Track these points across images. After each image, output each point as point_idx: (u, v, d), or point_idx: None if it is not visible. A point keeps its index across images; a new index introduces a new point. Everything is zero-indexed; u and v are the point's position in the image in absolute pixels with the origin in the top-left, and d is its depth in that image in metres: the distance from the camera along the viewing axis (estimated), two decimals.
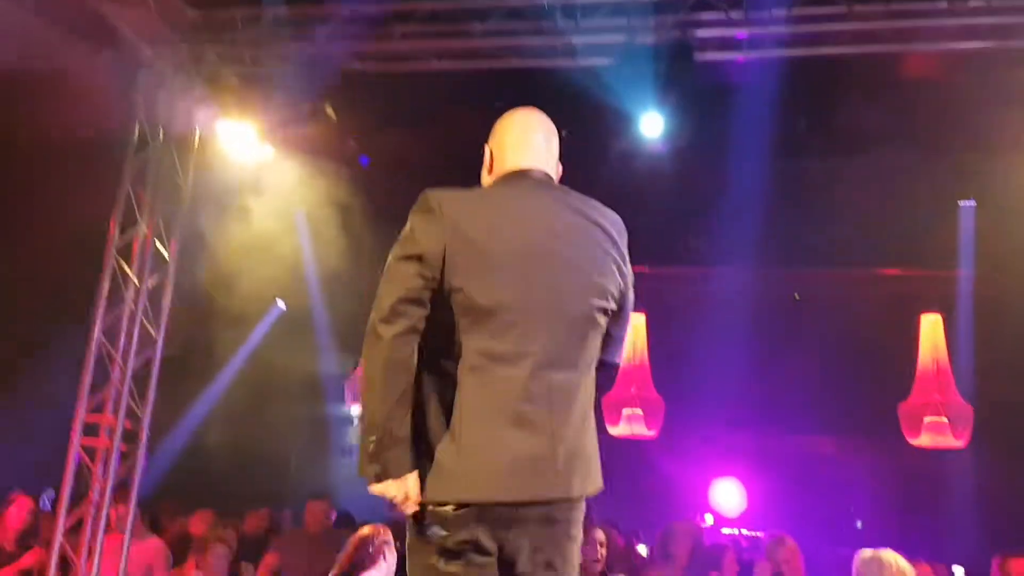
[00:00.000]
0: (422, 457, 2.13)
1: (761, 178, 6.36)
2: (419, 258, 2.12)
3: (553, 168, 2.42)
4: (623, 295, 2.33)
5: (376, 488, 2.14)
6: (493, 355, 2.12)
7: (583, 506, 2.25)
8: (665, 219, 7.42)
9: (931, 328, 7.35)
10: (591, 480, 2.22)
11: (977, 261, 7.44)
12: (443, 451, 2.11)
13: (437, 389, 2.16)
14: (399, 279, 2.11)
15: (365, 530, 4.15)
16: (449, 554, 2.14)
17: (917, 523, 6.77)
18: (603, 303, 2.25)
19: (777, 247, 7.87)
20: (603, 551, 4.54)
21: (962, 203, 7.35)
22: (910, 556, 4.89)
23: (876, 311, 8.06)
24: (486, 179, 2.42)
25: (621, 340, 2.39)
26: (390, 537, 4.08)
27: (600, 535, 4.57)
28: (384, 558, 4.03)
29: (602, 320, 2.26)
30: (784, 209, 7.08)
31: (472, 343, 2.12)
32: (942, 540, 5.60)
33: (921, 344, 7.34)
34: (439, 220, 2.14)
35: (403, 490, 2.12)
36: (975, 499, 7.89)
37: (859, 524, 5.37)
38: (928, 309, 7.40)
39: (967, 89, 5.44)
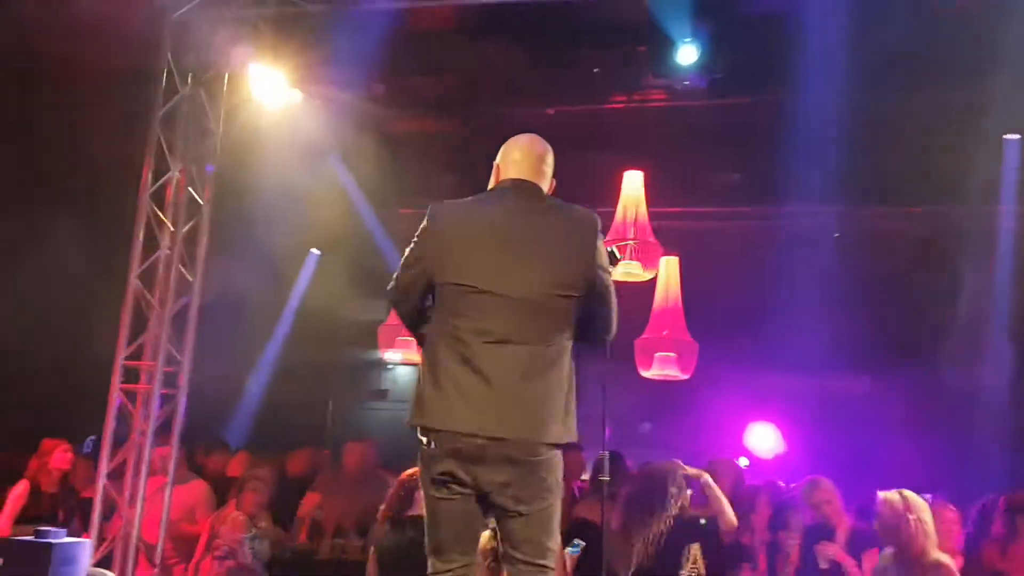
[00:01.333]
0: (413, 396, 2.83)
1: (799, 113, 6.21)
2: (409, 262, 2.91)
3: (543, 182, 2.97)
4: (590, 283, 2.82)
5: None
6: (461, 328, 2.76)
7: (547, 454, 2.75)
8: (700, 156, 7.31)
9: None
10: (542, 432, 2.74)
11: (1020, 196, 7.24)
12: (423, 391, 2.79)
13: (427, 352, 2.86)
14: (403, 280, 2.91)
15: (409, 472, 4.57)
16: (435, 484, 2.79)
17: (951, 462, 6.70)
18: (562, 291, 2.79)
19: (814, 184, 7.72)
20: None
21: (1007, 137, 7.14)
22: (939, 498, 4.87)
23: (916, 248, 7.91)
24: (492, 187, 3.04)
25: (603, 318, 2.90)
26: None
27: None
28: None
29: (562, 304, 2.80)
30: (822, 145, 6.92)
31: (449, 319, 2.80)
32: (977, 479, 5.54)
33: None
34: (433, 225, 2.89)
35: None
36: (1013, 437, 7.81)
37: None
38: (969, 246, 7.24)
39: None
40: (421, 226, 2.91)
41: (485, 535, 3.26)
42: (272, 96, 5.77)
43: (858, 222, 8.31)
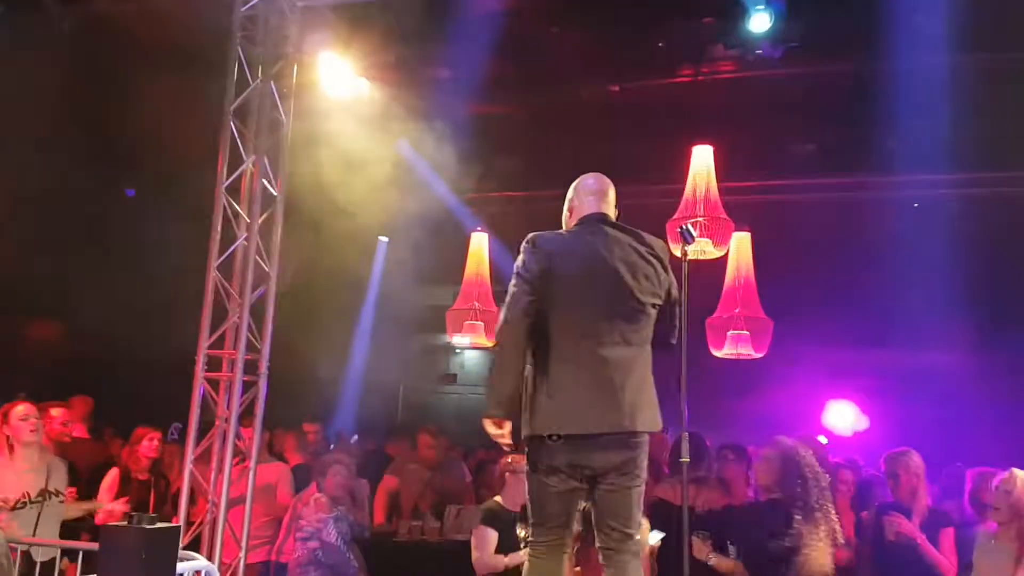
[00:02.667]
0: (529, 406, 3.32)
1: (879, 79, 5.98)
2: (528, 280, 3.33)
3: (612, 212, 3.56)
4: (667, 292, 3.45)
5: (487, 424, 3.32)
6: (570, 337, 3.31)
7: (644, 440, 3.31)
8: (772, 128, 7.13)
9: None
10: (649, 422, 3.31)
11: None
12: (538, 401, 3.29)
13: (537, 363, 3.34)
14: (517, 295, 3.32)
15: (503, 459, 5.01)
16: (550, 472, 3.31)
17: None
18: (646, 299, 3.37)
19: (894, 152, 7.46)
20: None
21: None
22: None
23: (1005, 217, 7.58)
24: (569, 223, 3.62)
25: (672, 326, 3.49)
26: (518, 463, 4.65)
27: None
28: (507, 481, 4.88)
29: (648, 310, 3.38)
30: (903, 112, 6.68)
31: (557, 332, 3.32)
32: None
33: None
34: (539, 252, 3.37)
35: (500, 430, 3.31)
36: None
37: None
38: None
39: None
40: (526, 251, 3.39)
41: None
42: (340, 85, 5.81)
43: (942, 190, 7.99)
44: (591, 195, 3.56)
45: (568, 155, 8.65)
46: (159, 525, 3.44)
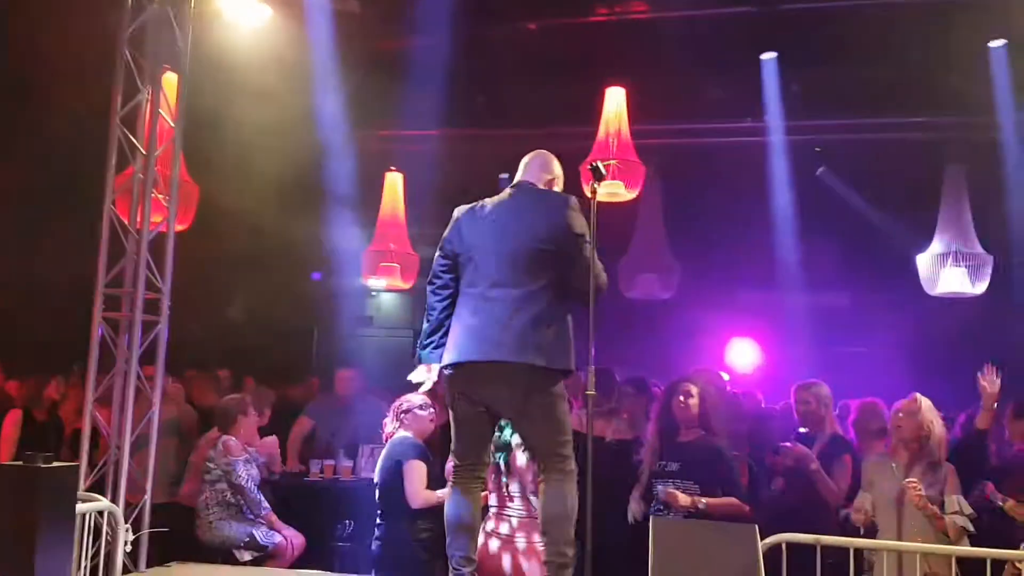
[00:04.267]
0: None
1: (775, 25, 6.08)
2: (441, 247, 3.82)
3: (542, 181, 3.85)
4: (560, 244, 3.62)
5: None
6: (469, 287, 3.70)
7: (538, 375, 3.52)
8: (684, 71, 7.19)
9: (954, 177, 7.20)
10: (536, 357, 3.52)
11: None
12: (447, 339, 3.71)
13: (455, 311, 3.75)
14: (434, 260, 3.83)
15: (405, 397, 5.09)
16: (453, 401, 3.71)
17: (934, 374, 6.81)
18: (538, 244, 3.62)
19: (796, 96, 7.63)
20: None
21: (992, 44, 7.03)
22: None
23: (900, 162, 7.87)
24: None
25: (582, 271, 3.57)
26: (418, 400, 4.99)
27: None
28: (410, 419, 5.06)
29: (539, 255, 3.61)
30: (802, 57, 6.82)
31: (464, 282, 3.73)
32: (958, 390, 5.64)
33: (943, 194, 7.21)
34: (453, 221, 3.84)
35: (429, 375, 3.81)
36: (992, 348, 7.92)
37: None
38: (953, 159, 7.22)
39: None
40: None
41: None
42: (243, 12, 5.58)
43: (843, 135, 8.24)
44: (522, 166, 3.93)
45: (483, 94, 8.59)
46: (56, 464, 3.36)
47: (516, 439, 4.10)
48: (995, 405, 4.79)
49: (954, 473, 4.36)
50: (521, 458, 4.16)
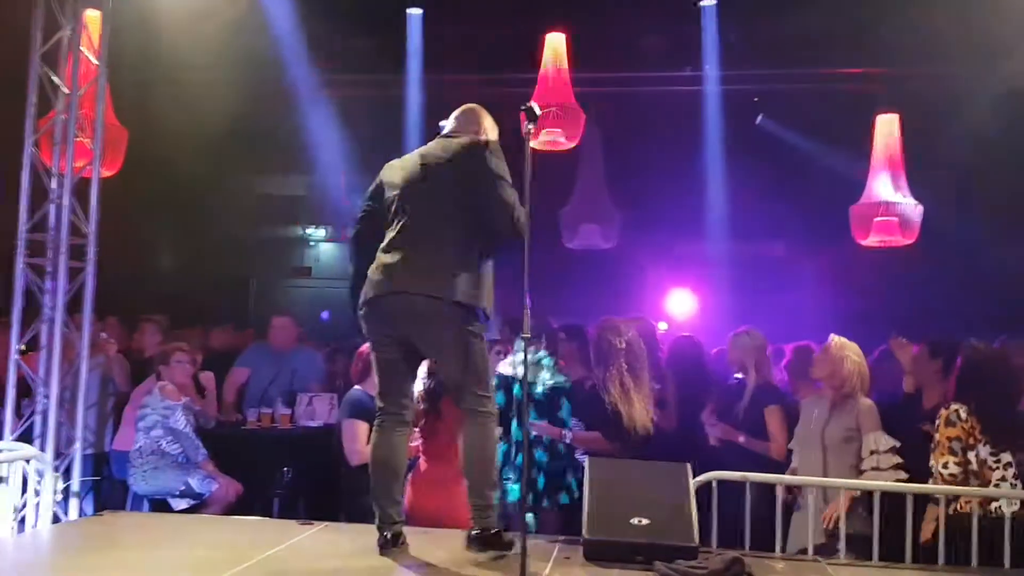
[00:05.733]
0: None
1: None
2: (364, 197, 3.92)
3: (463, 130, 3.81)
4: (476, 186, 3.60)
5: None
6: (384, 228, 3.73)
7: (445, 309, 3.52)
8: (624, 19, 7.15)
9: (886, 127, 7.33)
10: (445, 290, 3.53)
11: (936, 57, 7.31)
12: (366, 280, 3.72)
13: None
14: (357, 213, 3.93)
15: (364, 347, 4.82)
16: (372, 340, 3.75)
17: (865, 320, 7.01)
18: (456, 189, 3.62)
19: (734, 47, 7.67)
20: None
21: None
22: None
23: (833, 111, 7.99)
24: None
25: (494, 212, 3.57)
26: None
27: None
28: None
29: (456, 199, 3.62)
30: (741, 6, 6.83)
31: (382, 227, 3.75)
32: (887, 334, 5.83)
33: (875, 143, 7.34)
34: (379, 173, 3.88)
35: None
36: (922, 295, 8.19)
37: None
38: (886, 108, 7.34)
39: None
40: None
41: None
42: None
43: (780, 85, 8.33)
44: (449, 120, 3.93)
45: (421, 40, 8.44)
46: None
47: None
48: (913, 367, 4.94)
49: (872, 410, 4.41)
50: None
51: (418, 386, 4.17)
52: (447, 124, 3.91)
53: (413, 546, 3.67)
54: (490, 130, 3.90)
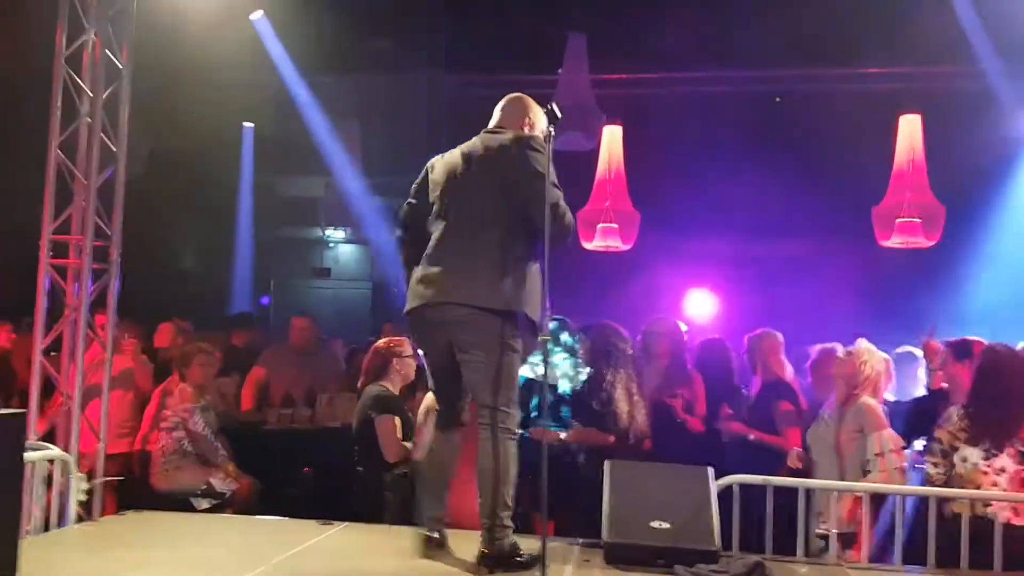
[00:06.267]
0: None
1: None
2: (410, 192, 3.84)
3: (509, 123, 3.73)
4: (520, 180, 3.50)
5: None
6: (428, 229, 3.68)
7: (480, 316, 3.45)
8: (642, 21, 7.13)
9: (909, 128, 7.26)
10: (470, 296, 3.47)
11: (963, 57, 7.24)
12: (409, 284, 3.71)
13: None
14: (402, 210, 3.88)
15: (384, 341, 5.03)
16: (419, 346, 3.84)
17: (888, 322, 6.95)
18: (498, 189, 3.53)
19: (756, 45, 7.61)
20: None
21: None
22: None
23: (856, 111, 7.92)
24: None
25: (538, 214, 3.38)
26: (402, 348, 4.90)
27: None
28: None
29: (498, 200, 3.53)
30: (762, 5, 6.78)
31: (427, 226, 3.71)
32: (911, 336, 5.77)
33: (898, 144, 7.28)
34: (425, 168, 3.81)
35: None
36: (944, 297, 8.10)
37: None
38: (909, 108, 7.27)
39: None
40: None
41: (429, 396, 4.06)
42: None
43: (801, 85, 8.27)
44: (496, 109, 3.83)
45: (441, 38, 8.44)
46: (1, 412, 3.28)
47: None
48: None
49: (872, 409, 4.35)
50: None
51: None
52: (495, 117, 3.79)
53: (452, 547, 3.64)
54: (537, 121, 3.76)
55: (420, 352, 3.81)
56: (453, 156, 3.71)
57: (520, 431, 4.35)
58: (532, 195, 3.46)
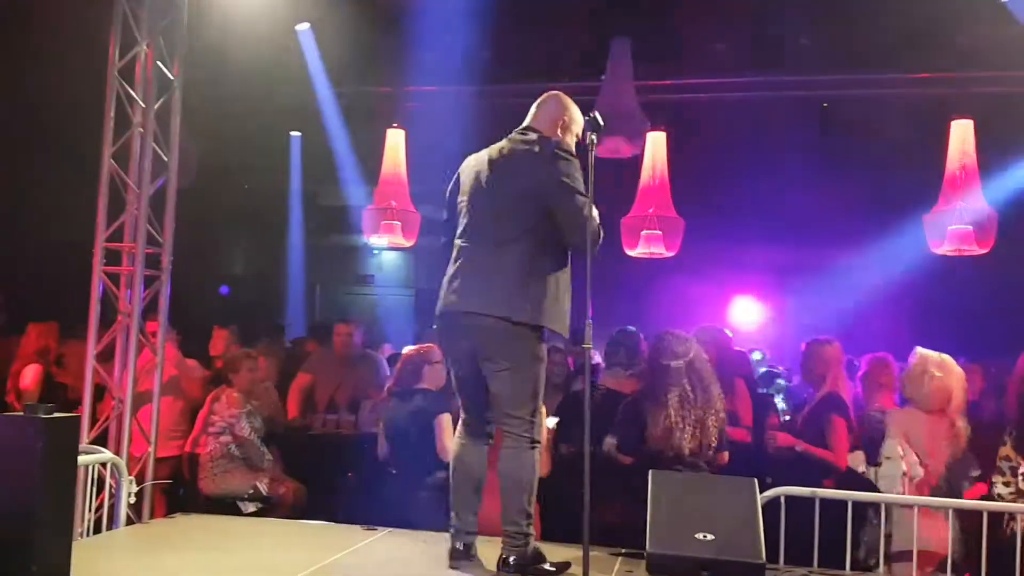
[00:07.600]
0: None
1: None
2: (447, 199, 3.80)
3: (541, 122, 3.65)
4: (544, 188, 3.44)
5: None
6: (457, 235, 3.65)
7: (504, 327, 3.41)
8: (688, 27, 7.08)
9: (961, 133, 7.10)
10: (493, 306, 3.43)
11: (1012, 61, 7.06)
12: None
13: None
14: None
15: (414, 348, 5.07)
16: (446, 356, 3.86)
17: (939, 330, 6.80)
18: (523, 196, 3.46)
19: (804, 50, 7.51)
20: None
21: None
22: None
23: (906, 116, 7.77)
24: None
25: (564, 223, 3.42)
26: (431, 354, 4.90)
27: None
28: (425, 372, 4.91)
29: (523, 207, 3.46)
30: (810, 12, 6.70)
31: (455, 234, 3.68)
32: (964, 345, 5.63)
33: (950, 150, 7.11)
34: (457, 173, 3.77)
35: None
36: (997, 304, 7.90)
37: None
38: (960, 114, 7.11)
39: None
40: None
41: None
42: None
43: (848, 90, 8.14)
44: (532, 109, 3.75)
45: (486, 50, 8.48)
46: (57, 415, 3.36)
47: None
48: None
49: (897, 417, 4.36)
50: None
51: None
52: (529, 117, 3.72)
53: (483, 556, 3.65)
54: (573, 122, 3.67)
55: (447, 361, 3.86)
56: (480, 160, 3.66)
57: None
58: (557, 204, 3.41)
